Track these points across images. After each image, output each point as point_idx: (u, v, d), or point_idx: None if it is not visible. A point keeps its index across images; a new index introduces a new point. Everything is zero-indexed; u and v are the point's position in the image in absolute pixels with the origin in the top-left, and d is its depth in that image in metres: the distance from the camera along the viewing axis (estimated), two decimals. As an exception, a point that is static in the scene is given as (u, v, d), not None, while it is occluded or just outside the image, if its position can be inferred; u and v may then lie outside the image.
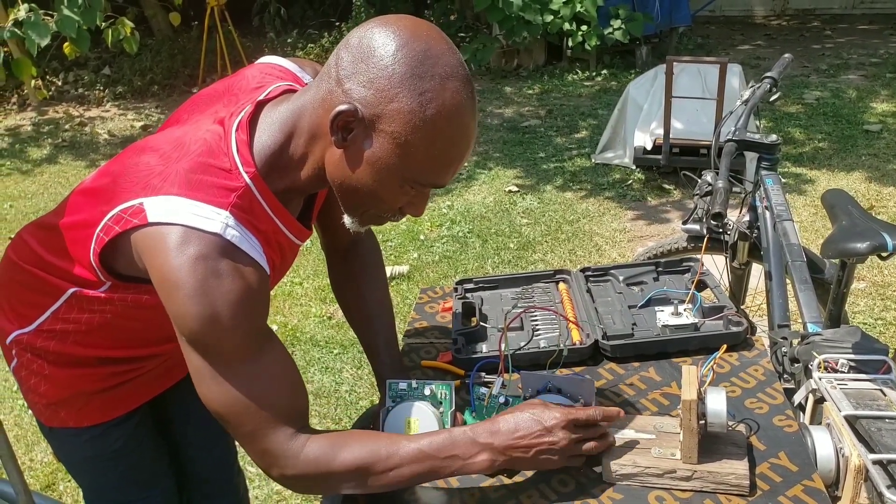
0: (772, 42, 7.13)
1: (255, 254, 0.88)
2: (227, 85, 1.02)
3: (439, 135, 0.84)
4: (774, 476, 0.96)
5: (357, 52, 0.84)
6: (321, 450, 0.89)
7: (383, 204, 0.91)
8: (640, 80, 4.40)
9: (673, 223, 3.65)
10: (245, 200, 0.88)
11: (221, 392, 0.86)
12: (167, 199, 0.85)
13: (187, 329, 0.85)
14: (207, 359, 0.86)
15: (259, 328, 0.88)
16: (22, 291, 1.07)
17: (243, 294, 0.85)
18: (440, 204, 4.05)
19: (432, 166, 0.87)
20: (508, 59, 6.76)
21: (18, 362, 1.10)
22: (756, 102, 1.81)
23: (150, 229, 0.85)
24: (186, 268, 0.82)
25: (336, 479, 0.90)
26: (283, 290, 3.24)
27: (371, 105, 0.83)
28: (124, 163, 0.95)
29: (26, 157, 5.34)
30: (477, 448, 0.91)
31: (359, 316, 1.22)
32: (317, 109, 0.88)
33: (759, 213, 1.79)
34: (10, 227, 4.13)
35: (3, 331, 1.10)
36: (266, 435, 0.88)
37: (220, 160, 0.89)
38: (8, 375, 2.75)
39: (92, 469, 1.18)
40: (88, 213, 0.94)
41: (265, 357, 0.88)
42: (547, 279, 1.45)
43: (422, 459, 0.90)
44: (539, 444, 0.92)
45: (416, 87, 0.82)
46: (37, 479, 2.21)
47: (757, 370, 1.18)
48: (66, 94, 6.84)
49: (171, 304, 0.85)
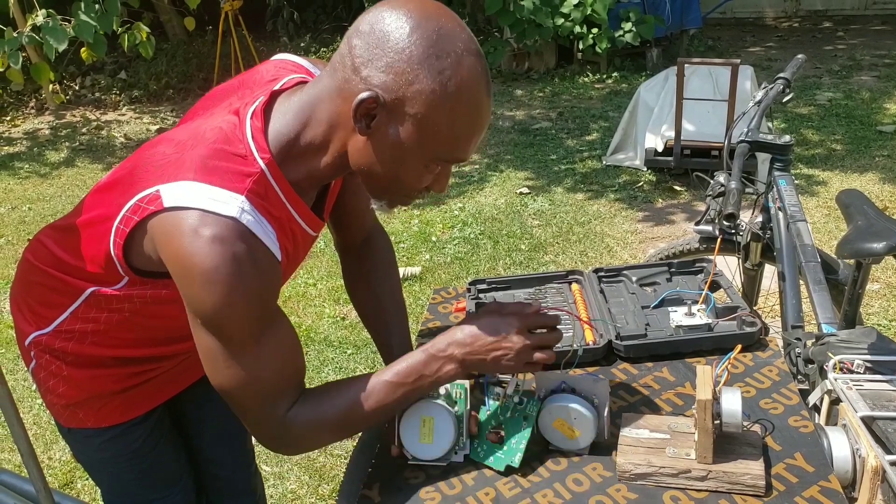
0: (783, 44, 7.09)
1: (268, 240, 0.89)
2: (242, 80, 1.03)
3: (460, 110, 0.86)
4: (790, 477, 0.97)
5: (370, 37, 0.85)
6: (309, 414, 0.94)
7: (409, 185, 0.92)
8: (650, 83, 4.40)
9: (683, 224, 3.64)
10: (260, 186, 0.89)
11: (230, 372, 0.90)
12: (183, 184, 0.86)
13: (200, 311, 0.86)
14: (220, 340, 0.88)
15: (270, 311, 0.91)
16: (40, 293, 1.08)
17: (257, 279, 0.86)
18: (452, 206, 4.06)
19: (456, 142, 0.88)
20: (519, 61, 6.76)
21: (37, 364, 1.11)
22: (769, 103, 1.81)
23: (166, 214, 0.86)
24: (203, 251, 0.83)
25: (327, 436, 0.98)
26: (298, 291, 3.26)
27: (392, 90, 0.84)
28: (140, 156, 0.96)
29: (44, 161, 5.40)
30: (440, 362, 0.97)
31: (372, 315, 1.23)
32: (334, 99, 0.88)
33: (772, 214, 1.79)
34: (28, 230, 4.18)
35: (22, 332, 1.11)
36: (267, 409, 0.93)
37: (235, 147, 0.89)
38: (27, 375, 2.79)
39: (111, 469, 1.19)
40: (106, 207, 0.95)
41: (273, 338, 0.91)
42: (560, 280, 1.46)
43: (395, 389, 0.96)
44: (495, 349, 0.96)
45: (435, 67, 0.83)
46: (55, 477, 2.23)
47: (771, 370, 1.18)
48: (83, 99, 6.92)
49: (185, 285, 0.86)
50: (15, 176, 5.11)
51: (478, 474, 1.03)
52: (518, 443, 1.03)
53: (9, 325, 3.17)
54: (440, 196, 4.19)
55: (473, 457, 1.05)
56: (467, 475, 1.03)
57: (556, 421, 1.03)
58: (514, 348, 0.96)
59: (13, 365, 2.85)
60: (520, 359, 0.97)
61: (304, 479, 2.17)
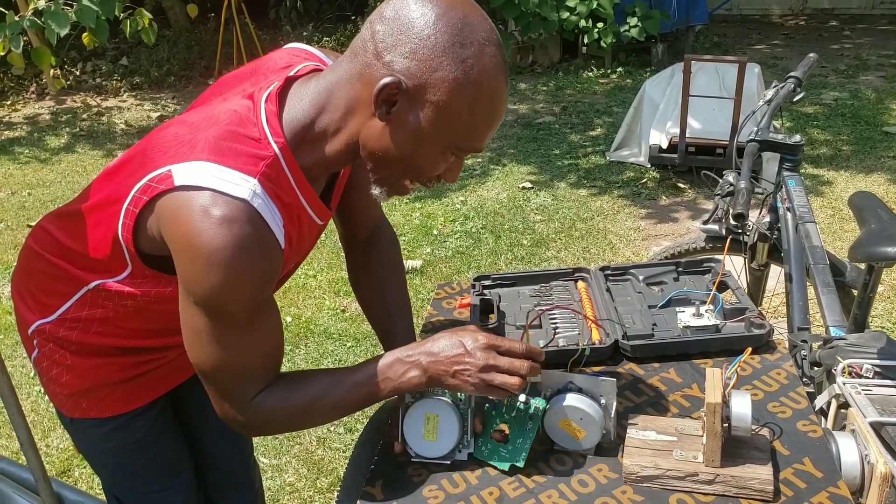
0: (789, 42, 7.06)
1: (275, 226, 0.88)
2: (255, 67, 1.03)
3: (480, 99, 0.86)
4: (799, 482, 0.95)
5: (394, 24, 0.84)
6: (274, 402, 0.95)
7: (423, 172, 0.92)
8: (656, 79, 4.37)
9: (687, 222, 3.62)
10: (273, 170, 0.88)
11: (213, 352, 0.90)
12: (195, 164, 0.85)
13: (199, 292, 0.86)
14: (208, 319, 0.88)
15: (264, 298, 0.90)
16: (43, 281, 1.06)
17: (260, 264, 0.86)
18: (453, 199, 4.04)
19: (474, 131, 0.88)
20: (523, 55, 6.73)
21: (40, 353, 1.10)
22: (780, 103, 1.79)
23: (177, 193, 0.85)
24: (211, 231, 0.82)
25: (288, 423, 0.99)
26: (297, 283, 3.25)
27: (415, 76, 0.84)
28: (151, 138, 0.95)
29: (44, 146, 5.38)
30: (405, 367, 0.96)
31: (377, 309, 1.22)
32: (354, 84, 0.88)
33: (781, 215, 1.77)
34: (28, 215, 4.16)
35: (25, 321, 1.10)
36: (237, 389, 0.93)
37: (249, 129, 0.89)
38: (25, 362, 2.77)
39: (113, 460, 1.18)
40: (114, 189, 0.94)
41: (261, 324, 0.91)
42: (566, 277, 1.44)
43: (357, 388, 0.96)
44: (457, 363, 0.95)
45: (459, 55, 0.83)
46: (53, 465, 2.22)
47: (780, 374, 1.16)
48: (84, 84, 6.88)
49: (186, 263, 0.85)
50: (15, 161, 5.08)
51: (482, 473, 1.02)
52: (523, 443, 1.02)
53: (7, 310, 3.15)
54: (442, 189, 4.17)
55: (477, 455, 1.04)
56: (471, 474, 1.02)
57: (561, 421, 1.01)
58: (476, 364, 0.94)
59: (11, 352, 2.83)
60: (480, 377, 0.94)
61: (303, 472, 2.16)
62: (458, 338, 0.96)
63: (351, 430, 2.31)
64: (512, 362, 0.95)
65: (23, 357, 2.81)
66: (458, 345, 0.96)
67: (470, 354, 0.95)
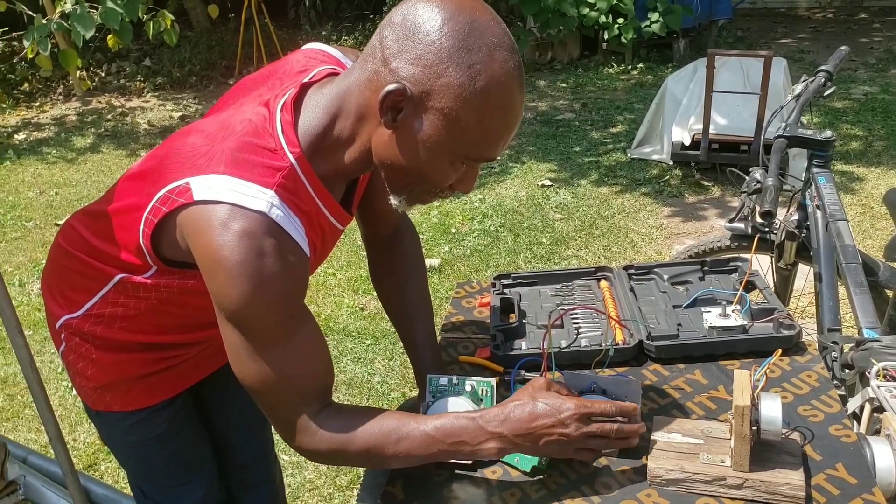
0: (816, 35, 6.92)
1: (297, 235, 0.87)
2: (272, 70, 1.02)
3: (489, 107, 0.82)
4: (832, 488, 0.92)
5: (402, 29, 0.83)
6: (338, 430, 0.91)
7: (433, 182, 0.89)
8: (678, 74, 4.31)
9: (711, 221, 3.57)
10: (290, 181, 0.88)
11: (256, 368, 0.88)
12: (213, 177, 0.85)
13: (228, 307, 0.85)
14: (245, 336, 0.87)
15: (297, 308, 0.89)
16: (71, 277, 1.08)
17: (285, 275, 0.85)
18: (472, 198, 4.02)
19: (483, 140, 0.85)
20: (542, 52, 6.68)
21: (67, 346, 1.12)
22: (809, 97, 1.75)
23: (196, 207, 0.85)
24: (231, 245, 0.82)
25: (348, 457, 0.93)
26: (317, 281, 3.25)
27: (420, 82, 0.82)
28: (171, 146, 0.95)
29: (71, 146, 5.46)
30: (486, 436, 0.90)
31: (398, 308, 1.21)
32: (363, 91, 0.87)
33: (810, 213, 1.73)
34: (55, 214, 4.22)
35: (53, 315, 1.12)
36: (293, 409, 0.90)
37: (265, 140, 0.88)
38: (53, 357, 2.81)
39: (136, 453, 1.19)
40: (136, 196, 0.95)
41: (300, 336, 0.89)
42: (588, 276, 1.42)
43: (430, 444, 0.91)
44: (550, 434, 0.90)
45: (465, 60, 0.80)
46: (79, 458, 2.25)
47: (810, 376, 1.13)
48: (109, 85, 6.97)
49: (213, 281, 0.85)
50: (43, 161, 5.16)
51: (503, 475, 1.00)
52: (546, 444, 1.00)
53: (36, 307, 3.20)
54: (462, 187, 4.15)
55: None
56: (493, 475, 1.00)
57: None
58: (570, 436, 0.89)
59: (39, 347, 2.88)
60: (573, 446, 0.91)
61: (322, 469, 2.17)
62: (547, 405, 0.90)
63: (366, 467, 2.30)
64: (603, 427, 0.91)
65: (50, 353, 2.85)
66: (548, 414, 0.89)
67: (563, 424, 0.89)
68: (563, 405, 0.90)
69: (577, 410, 0.90)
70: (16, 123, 6.06)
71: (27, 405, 2.55)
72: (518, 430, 0.90)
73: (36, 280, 3.46)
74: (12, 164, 5.10)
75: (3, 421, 2.48)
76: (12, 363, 2.79)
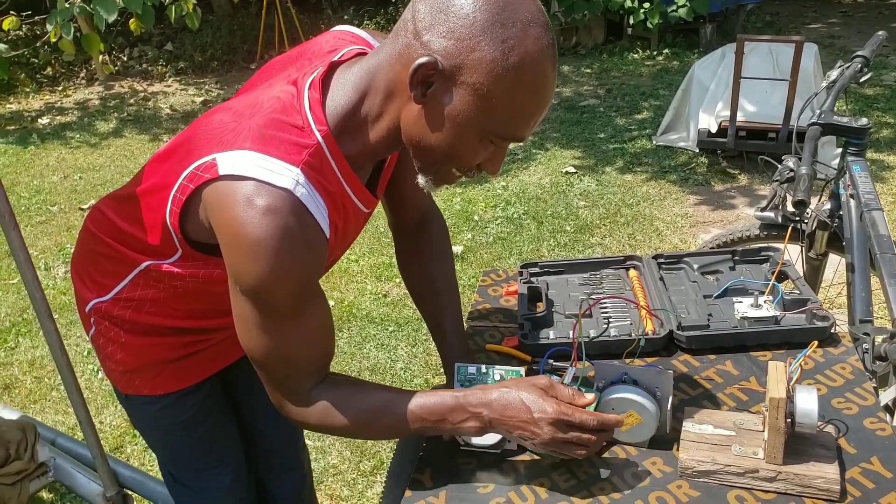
0: (847, 20, 6.76)
1: (319, 215, 0.87)
2: (301, 50, 1.01)
3: (521, 84, 0.81)
4: (866, 482, 0.91)
5: (435, 2, 0.82)
6: (328, 404, 0.94)
7: (461, 161, 0.88)
8: (706, 60, 4.24)
9: (738, 209, 3.52)
10: (316, 159, 0.87)
11: (264, 342, 0.90)
12: (239, 153, 0.85)
13: (244, 281, 0.86)
14: (257, 310, 0.88)
15: (311, 288, 0.90)
16: (100, 261, 1.09)
17: (304, 255, 0.85)
18: (495, 184, 4.00)
19: (513, 118, 0.84)
20: (567, 36, 6.60)
21: (96, 330, 1.13)
22: (845, 83, 1.70)
23: (221, 183, 0.85)
24: (254, 222, 0.82)
25: (334, 430, 0.96)
26: (340, 267, 3.26)
27: (451, 56, 0.80)
28: (199, 124, 0.95)
29: (94, 131, 5.51)
30: (466, 414, 0.93)
31: (426, 295, 1.20)
32: (393, 66, 0.86)
33: (843, 202, 1.69)
34: (79, 198, 4.27)
35: (83, 299, 1.13)
36: (292, 381, 0.93)
37: (292, 117, 0.88)
38: (79, 341, 2.86)
39: (165, 437, 1.21)
40: (163, 175, 0.95)
41: (310, 314, 0.90)
42: (617, 265, 1.41)
43: (414, 420, 0.94)
44: (522, 429, 0.91)
45: (498, 35, 0.79)
46: (106, 441, 2.29)
47: (844, 368, 1.11)
48: (131, 70, 7.03)
49: (232, 255, 0.85)
50: (67, 145, 5.23)
51: (532, 463, 1.00)
52: (575, 434, 0.99)
53: (61, 291, 3.25)
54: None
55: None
56: (521, 464, 1.00)
57: (615, 413, 0.99)
58: (540, 437, 0.91)
59: (65, 331, 2.93)
60: (544, 448, 0.93)
61: (346, 455, 2.18)
62: (526, 401, 0.91)
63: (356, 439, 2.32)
64: (580, 437, 0.91)
65: (76, 336, 2.90)
66: (526, 410, 0.91)
67: (536, 424, 0.90)
68: (544, 406, 0.90)
69: (555, 416, 0.90)
70: (39, 107, 6.13)
71: (54, 387, 2.60)
72: (493, 416, 0.92)
73: (61, 264, 3.51)
74: (36, 149, 5.17)
75: (32, 403, 2.52)
76: (39, 346, 2.84)
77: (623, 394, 0.98)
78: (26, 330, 2.97)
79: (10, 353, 2.82)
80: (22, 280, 1.21)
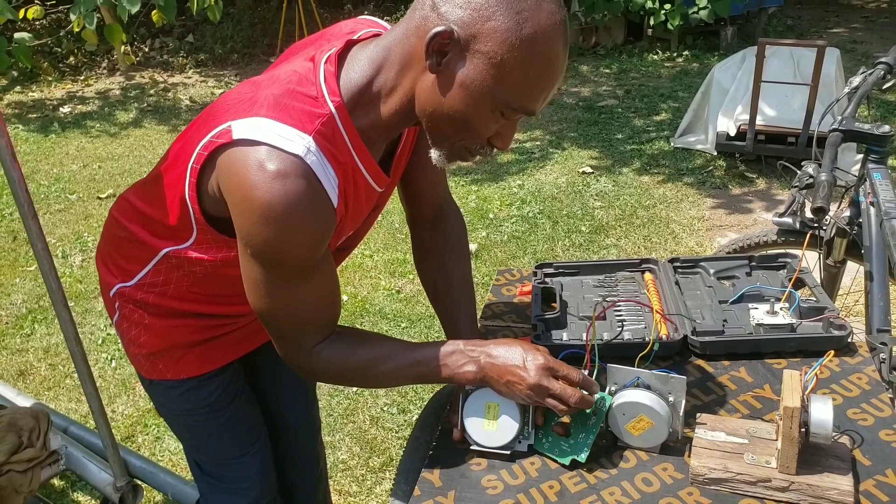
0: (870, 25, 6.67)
1: (328, 184, 0.89)
2: (322, 34, 1.04)
3: (534, 56, 0.83)
4: (881, 494, 0.90)
5: None
6: (334, 355, 0.99)
7: (473, 132, 0.90)
8: (726, 63, 4.20)
9: (755, 214, 3.48)
10: (328, 129, 0.89)
11: (272, 302, 0.93)
12: (254, 119, 0.87)
13: (254, 244, 0.88)
14: (265, 272, 0.91)
15: (319, 252, 0.92)
16: (124, 246, 1.11)
17: (314, 220, 0.87)
18: (510, 183, 3.99)
19: (525, 89, 0.86)
20: (586, 36, 6.57)
21: (120, 314, 1.15)
22: (868, 90, 1.68)
23: (235, 148, 0.87)
24: (265, 186, 0.84)
25: (344, 378, 1.05)
26: (354, 262, 3.28)
27: (467, 25, 0.82)
28: (221, 99, 0.98)
29: (114, 121, 5.56)
30: (464, 359, 0.98)
31: (442, 292, 1.21)
32: (409, 38, 0.88)
33: (863, 209, 1.67)
34: (98, 187, 4.32)
35: (108, 284, 1.15)
36: (300, 336, 0.98)
37: (307, 88, 0.90)
38: (94, 329, 2.89)
39: (190, 422, 1.22)
40: (182, 147, 0.98)
41: (317, 276, 0.94)
42: (632, 268, 1.40)
43: (415, 366, 0.99)
44: (512, 374, 0.96)
45: (513, 6, 0.82)
46: (118, 430, 2.32)
47: (860, 378, 1.10)
48: (152, 61, 7.08)
49: (242, 218, 0.87)
50: (87, 135, 5.28)
51: (542, 466, 1.00)
52: (585, 438, 0.99)
53: (77, 279, 3.29)
54: (499, 172, 4.13)
55: (538, 448, 1.02)
56: (531, 466, 1.00)
57: (627, 417, 0.98)
58: (527, 381, 0.95)
59: (80, 319, 2.96)
60: (531, 395, 0.96)
61: (356, 451, 2.19)
62: (519, 349, 0.97)
63: (404, 411, 2.33)
64: (564, 389, 0.95)
65: (91, 325, 2.93)
66: (517, 356, 0.96)
67: (525, 370, 0.95)
68: (536, 355, 0.96)
69: (546, 363, 0.96)
70: (61, 96, 6.20)
71: (68, 375, 2.63)
72: (490, 361, 0.97)
73: (78, 252, 3.55)
74: (57, 137, 5.22)
75: (46, 390, 2.56)
76: (54, 333, 2.88)
77: (635, 398, 0.97)
78: (42, 317, 3.00)
79: (26, 340, 2.86)
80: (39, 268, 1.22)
